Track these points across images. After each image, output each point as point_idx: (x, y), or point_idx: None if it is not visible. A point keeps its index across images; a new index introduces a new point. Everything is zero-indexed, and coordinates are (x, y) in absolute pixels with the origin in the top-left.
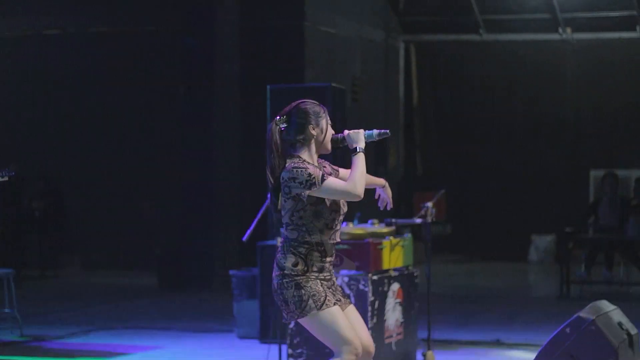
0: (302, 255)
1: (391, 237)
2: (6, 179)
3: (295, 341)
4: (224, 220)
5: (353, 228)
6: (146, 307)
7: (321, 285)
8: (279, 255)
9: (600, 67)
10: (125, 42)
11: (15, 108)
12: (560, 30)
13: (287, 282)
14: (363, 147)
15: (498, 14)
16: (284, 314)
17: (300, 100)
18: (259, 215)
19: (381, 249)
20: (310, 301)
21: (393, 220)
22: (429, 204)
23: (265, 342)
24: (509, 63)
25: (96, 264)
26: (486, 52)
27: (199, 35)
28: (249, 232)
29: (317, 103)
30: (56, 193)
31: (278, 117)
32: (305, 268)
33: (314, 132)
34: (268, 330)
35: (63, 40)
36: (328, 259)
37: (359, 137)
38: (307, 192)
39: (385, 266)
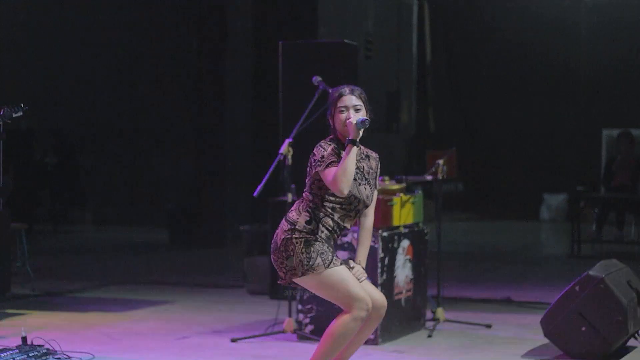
0: (317, 217)
1: (402, 194)
2: (20, 113)
3: (305, 297)
4: (235, 176)
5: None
6: (157, 262)
7: (327, 248)
8: (292, 213)
9: (615, 25)
10: None
11: (27, 63)
12: None
13: (296, 238)
14: (353, 139)
15: None
16: (280, 273)
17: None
18: (270, 171)
19: (391, 205)
20: (319, 259)
21: (404, 177)
22: (440, 162)
23: (275, 298)
24: (523, 21)
25: (108, 219)
26: (500, 10)
27: None
28: (259, 187)
29: (342, 87)
30: (68, 148)
31: None
32: (316, 230)
33: (330, 121)
34: (278, 286)
35: None
36: (335, 235)
37: (350, 128)
38: (314, 170)
39: (396, 223)
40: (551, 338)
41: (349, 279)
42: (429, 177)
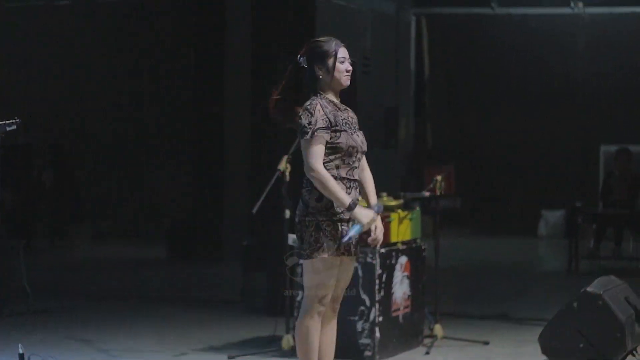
0: None
1: (399, 210)
2: (14, 127)
3: None
4: (234, 190)
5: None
6: (155, 277)
7: (339, 232)
8: (304, 190)
9: (612, 41)
10: (135, 8)
11: (25, 78)
12: (571, 4)
13: (309, 220)
14: (349, 208)
15: None
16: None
17: (313, 40)
18: (269, 187)
19: (389, 221)
20: (325, 245)
21: (402, 193)
22: (438, 178)
23: (273, 315)
24: (521, 37)
25: (106, 234)
26: (498, 26)
27: (209, 2)
28: (258, 203)
29: (329, 39)
30: (66, 163)
31: (299, 57)
32: (329, 204)
33: (319, 73)
34: (276, 302)
35: (74, 9)
36: (354, 188)
37: (360, 217)
38: (300, 136)
39: (393, 239)
40: (549, 355)
41: (331, 273)
42: (427, 193)
